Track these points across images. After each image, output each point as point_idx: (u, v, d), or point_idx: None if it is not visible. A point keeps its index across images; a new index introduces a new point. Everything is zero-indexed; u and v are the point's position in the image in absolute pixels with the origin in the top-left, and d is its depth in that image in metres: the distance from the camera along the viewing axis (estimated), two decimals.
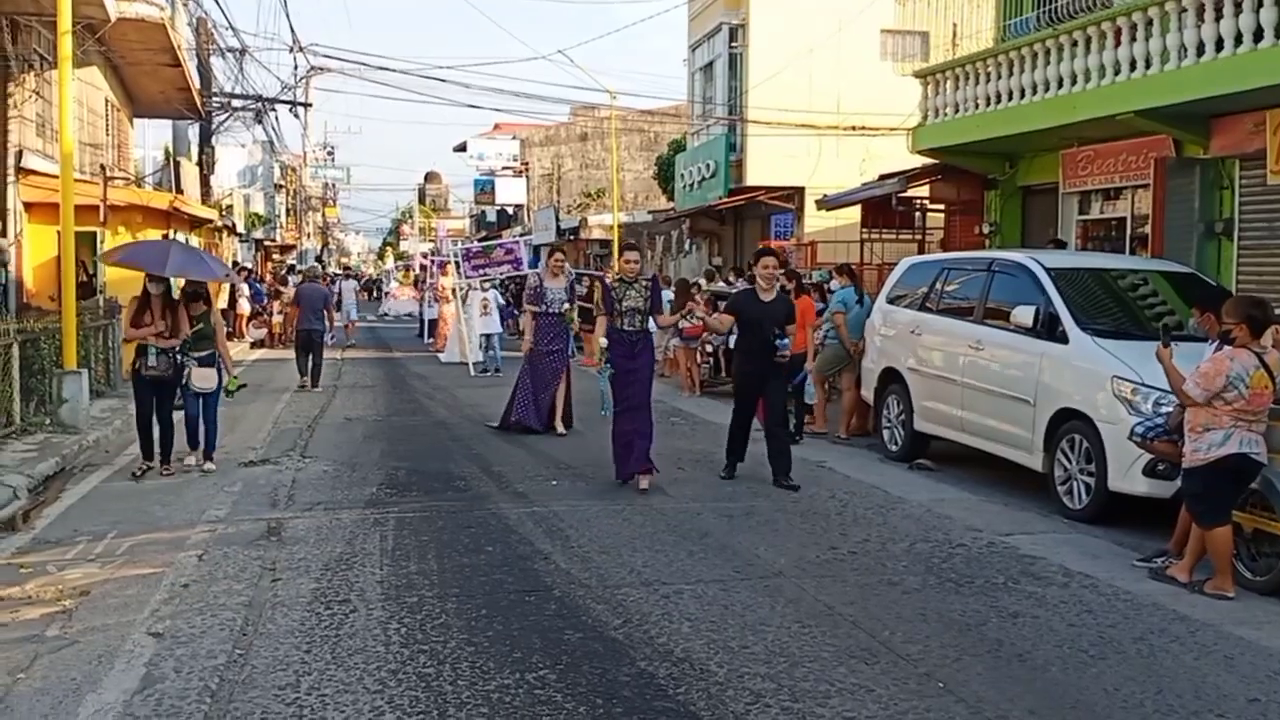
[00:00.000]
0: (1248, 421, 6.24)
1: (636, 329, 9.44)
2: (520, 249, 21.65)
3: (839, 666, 5.08)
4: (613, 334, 9.39)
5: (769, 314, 9.31)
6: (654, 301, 9.67)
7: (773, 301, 9.43)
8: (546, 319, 12.23)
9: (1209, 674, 5.10)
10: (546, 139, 52.95)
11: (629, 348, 9.40)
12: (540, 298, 12.29)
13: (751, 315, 9.39)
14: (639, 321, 9.46)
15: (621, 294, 9.40)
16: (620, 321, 9.37)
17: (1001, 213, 16.80)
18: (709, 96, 27.99)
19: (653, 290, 9.63)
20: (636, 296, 9.40)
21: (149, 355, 9.84)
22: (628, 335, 9.40)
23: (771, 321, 9.26)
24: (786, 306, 9.57)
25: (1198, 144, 12.60)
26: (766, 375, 9.40)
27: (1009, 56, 14.79)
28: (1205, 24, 11.45)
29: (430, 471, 9.98)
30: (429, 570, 6.68)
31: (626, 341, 9.38)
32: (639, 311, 9.43)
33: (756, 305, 9.42)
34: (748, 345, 9.57)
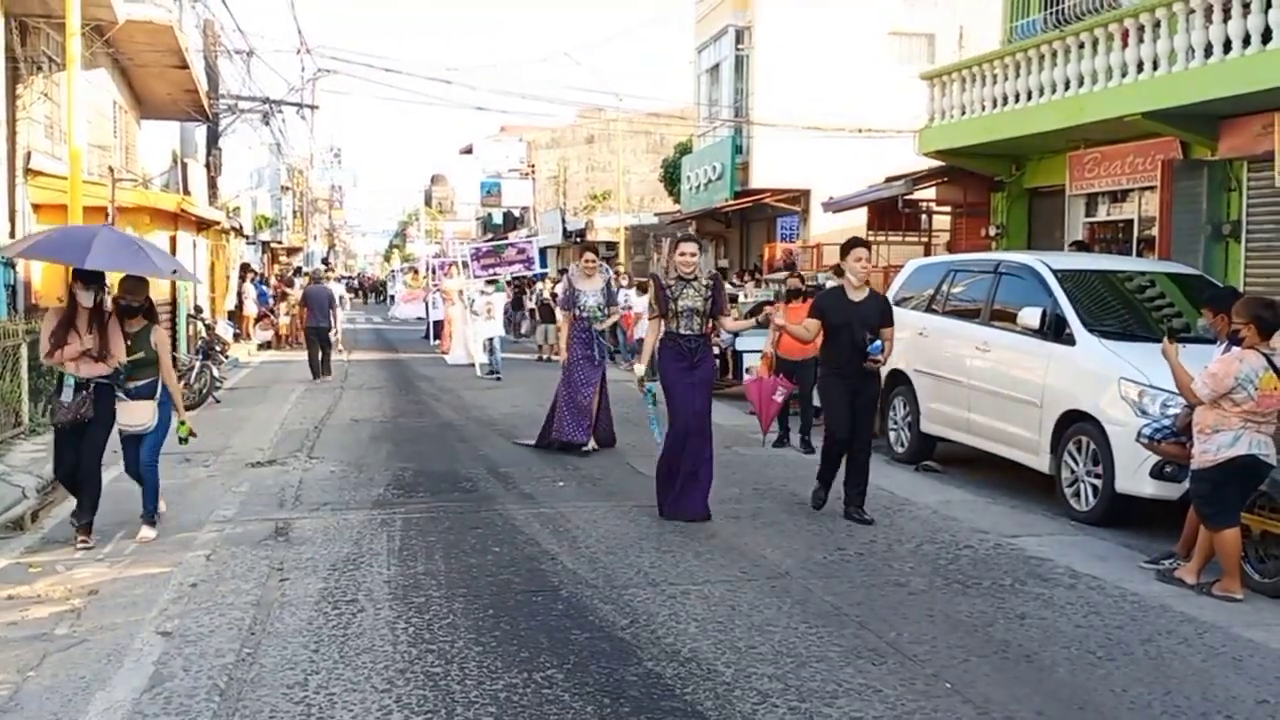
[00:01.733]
0: (1257, 423, 6.23)
1: (695, 333, 8.17)
2: (532, 249, 21.36)
3: (846, 667, 5.08)
4: (666, 339, 8.21)
5: (860, 316, 8.09)
6: (716, 302, 8.27)
7: (864, 301, 8.19)
8: (581, 323, 11.23)
9: (1217, 676, 5.09)
10: (553, 141, 53.04)
11: (686, 356, 8.13)
12: (574, 302, 11.25)
13: (840, 318, 8.14)
14: (698, 325, 8.18)
15: (677, 292, 8.14)
16: (675, 324, 8.16)
17: (1008, 215, 16.80)
18: (715, 99, 28.03)
19: (714, 289, 8.24)
20: (695, 295, 8.14)
21: (63, 389, 7.40)
22: (684, 341, 8.13)
23: (862, 325, 8.05)
24: (880, 306, 8.33)
25: (1205, 146, 12.59)
26: (860, 389, 8.16)
27: (1016, 58, 14.79)
28: (1213, 25, 11.45)
29: (437, 472, 9.99)
30: (436, 570, 6.68)
31: (683, 349, 8.13)
32: (698, 313, 8.15)
33: (846, 306, 8.16)
34: (837, 355, 8.19)
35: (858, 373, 8.09)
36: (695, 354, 8.17)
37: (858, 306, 8.14)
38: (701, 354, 8.24)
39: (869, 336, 8.00)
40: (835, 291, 8.50)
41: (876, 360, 8.05)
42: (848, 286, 8.24)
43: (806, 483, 9.45)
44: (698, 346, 8.20)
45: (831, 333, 8.21)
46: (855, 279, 8.18)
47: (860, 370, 8.08)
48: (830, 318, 8.20)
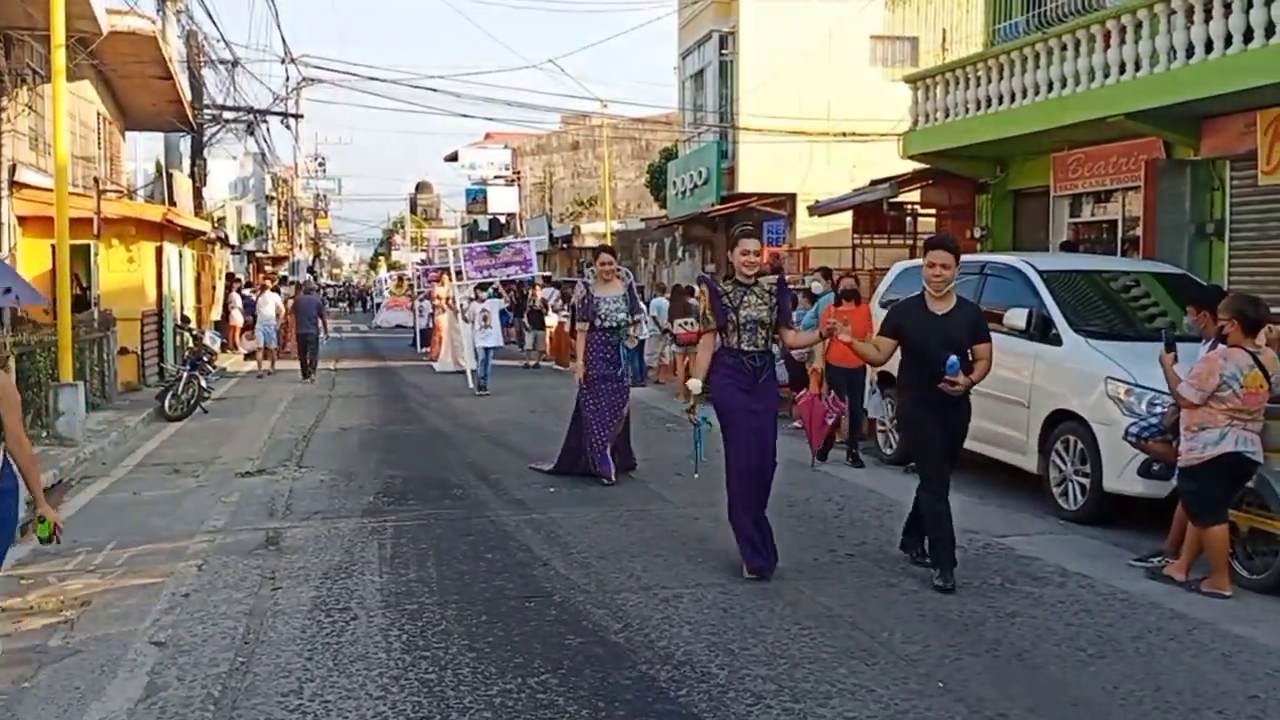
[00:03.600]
0: (1243, 420, 6.28)
1: (759, 349, 6.68)
2: (530, 250, 20.33)
3: (839, 667, 5.10)
4: (724, 356, 6.71)
5: (943, 333, 6.49)
6: (783, 310, 6.81)
7: (949, 314, 6.57)
8: (600, 336, 9.82)
9: (1207, 672, 5.13)
10: (538, 148, 53.07)
11: (748, 377, 6.65)
12: (592, 311, 9.82)
13: (917, 335, 6.56)
14: (762, 339, 6.69)
15: (737, 300, 6.66)
16: (735, 339, 6.66)
17: (993, 216, 16.87)
18: (700, 104, 28.09)
19: (780, 295, 6.79)
20: (758, 304, 6.66)
21: None
22: (746, 359, 6.65)
23: (946, 344, 6.44)
24: (971, 319, 6.66)
25: (1188, 146, 12.67)
26: (950, 416, 6.58)
27: (999, 60, 14.87)
28: (1195, 25, 11.52)
29: (427, 480, 9.99)
30: (428, 577, 6.69)
31: (745, 368, 6.65)
32: (762, 325, 6.66)
33: (925, 320, 6.57)
34: (919, 378, 6.58)
35: (946, 400, 6.47)
36: (759, 374, 6.70)
37: (941, 321, 6.53)
38: (767, 374, 6.79)
39: (948, 355, 6.39)
40: (913, 303, 6.78)
41: (953, 381, 6.35)
42: (928, 296, 6.63)
43: (797, 485, 9.48)
44: (763, 365, 6.73)
45: (911, 353, 6.65)
46: (936, 287, 6.56)
47: (948, 396, 6.44)
48: (906, 334, 6.63)
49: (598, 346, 9.82)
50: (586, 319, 9.88)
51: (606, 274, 10.00)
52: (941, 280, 6.53)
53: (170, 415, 14.63)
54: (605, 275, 10.00)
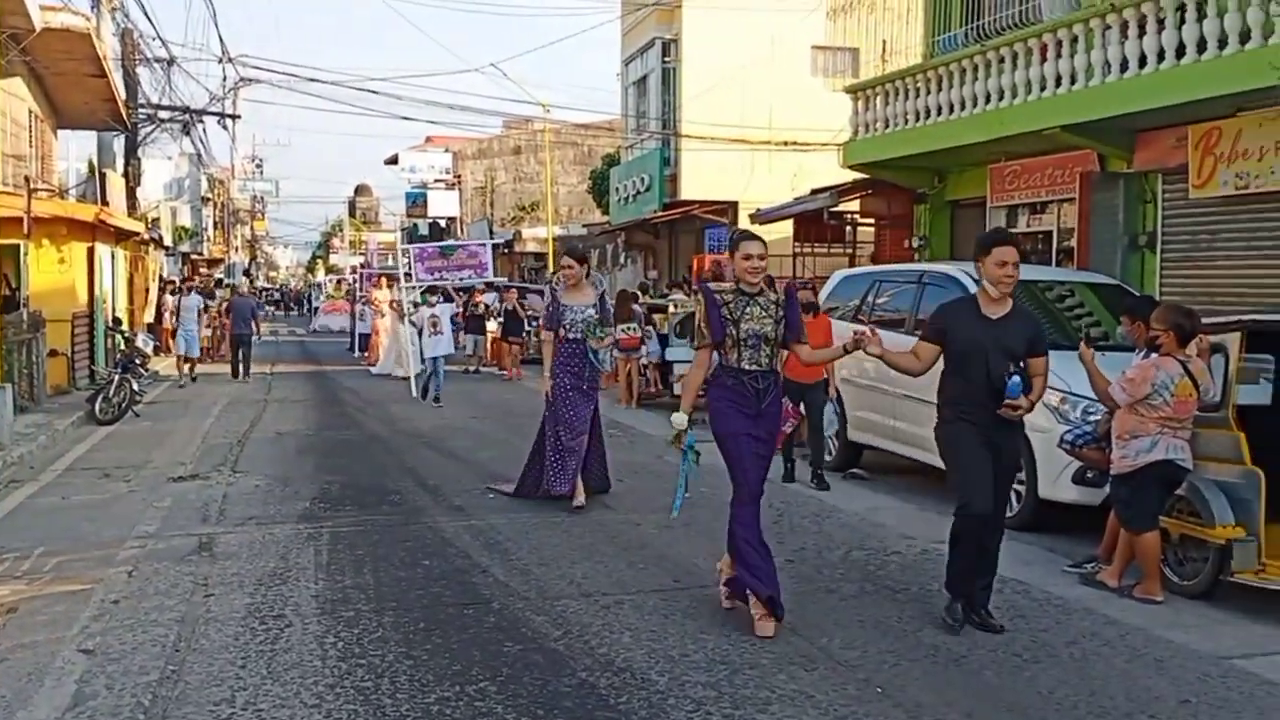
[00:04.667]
0: (1173, 428, 6.39)
1: (763, 368, 5.82)
2: (485, 253, 19.46)
3: (779, 673, 5.10)
4: (723, 376, 5.88)
5: (1000, 341, 5.71)
6: (791, 323, 5.92)
7: (1006, 319, 5.81)
8: (568, 346, 9.05)
9: (1140, 677, 5.20)
10: (479, 152, 52.82)
11: (750, 400, 5.81)
12: (558, 319, 9.05)
13: (969, 343, 5.76)
14: (766, 356, 5.83)
15: (737, 312, 5.81)
16: (735, 356, 5.81)
17: (930, 226, 17.07)
18: (643, 111, 28.14)
19: (790, 305, 5.94)
20: (762, 316, 5.81)
21: None
22: (748, 380, 5.79)
23: (1003, 354, 5.68)
24: (1029, 328, 5.91)
25: (1122, 159, 12.92)
26: (1001, 445, 5.81)
27: (938, 72, 15.07)
28: (1129, 40, 11.76)
29: (364, 485, 9.88)
30: (365, 584, 6.60)
31: (746, 390, 5.80)
32: (767, 340, 5.82)
33: (979, 326, 5.78)
34: (964, 394, 5.79)
35: (994, 421, 5.70)
36: (762, 397, 5.83)
37: (997, 327, 5.75)
38: (772, 396, 5.89)
39: (1012, 369, 5.63)
40: (963, 305, 6.09)
41: (1015, 405, 5.63)
42: (983, 299, 5.87)
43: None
44: (767, 387, 5.84)
45: (956, 362, 5.83)
46: (996, 288, 5.80)
47: (999, 418, 5.70)
48: (955, 341, 5.81)
49: (565, 357, 9.02)
50: (551, 327, 9.09)
51: (570, 279, 9.12)
52: (1011, 281, 5.76)
53: (101, 419, 14.35)
54: (570, 281, 9.12)
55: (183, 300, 22.47)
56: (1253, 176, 11.18)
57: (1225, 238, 11.87)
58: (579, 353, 9.01)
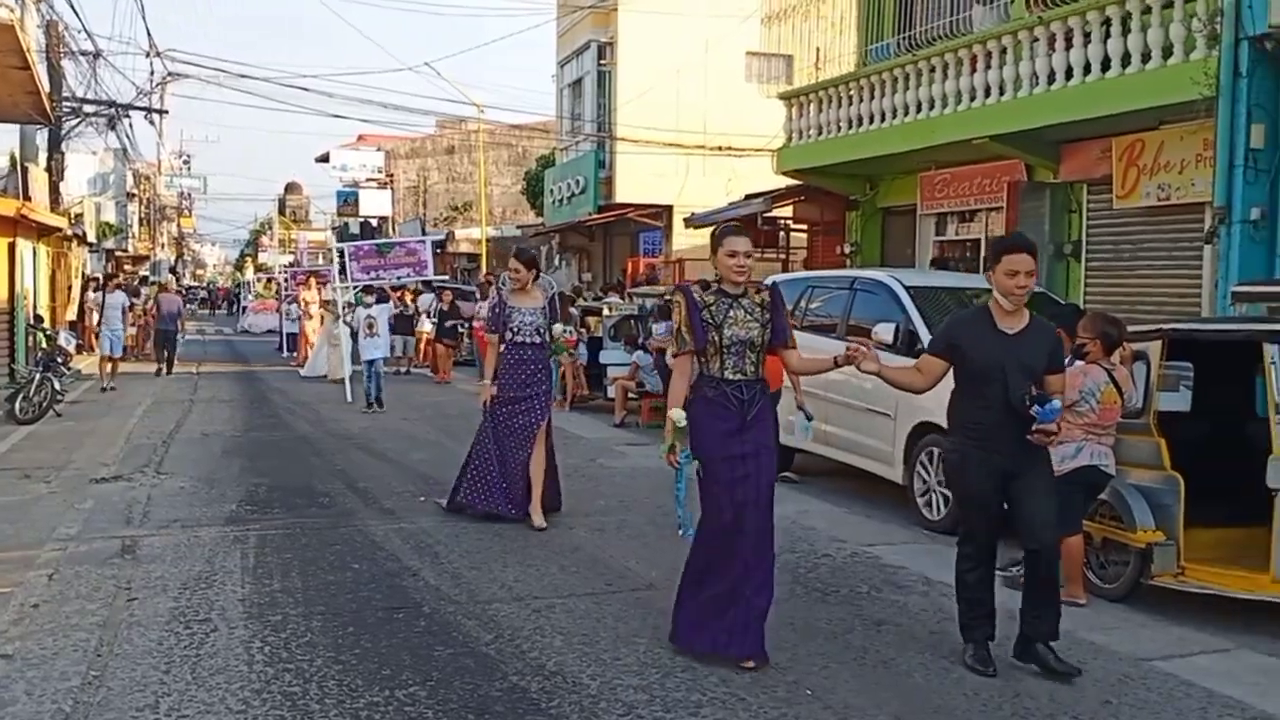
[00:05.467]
0: (1098, 435, 6.51)
1: (748, 377, 5.28)
2: (425, 251, 18.59)
3: (710, 676, 5.12)
4: (703, 387, 5.32)
5: (1018, 357, 5.19)
6: (778, 328, 5.37)
7: (1023, 334, 5.27)
8: (514, 352, 8.42)
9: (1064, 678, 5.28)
10: (412, 151, 52.43)
11: (733, 414, 5.24)
12: (502, 322, 8.43)
13: (984, 358, 5.23)
14: (752, 364, 5.30)
15: (720, 315, 5.27)
16: (717, 365, 5.27)
17: (862, 233, 17.26)
18: (578, 113, 28.13)
19: (775, 307, 5.40)
20: (747, 320, 5.29)
21: None
22: (731, 390, 5.25)
23: (1022, 371, 5.17)
24: (1048, 342, 5.38)
25: (1048, 169, 13.17)
26: (1018, 471, 5.22)
27: (870, 81, 15.24)
28: (1056, 53, 11.99)
29: (293, 488, 9.75)
30: (293, 588, 6.52)
31: (729, 402, 5.24)
32: (752, 347, 5.28)
33: (994, 340, 5.25)
34: (977, 416, 5.27)
35: (1014, 446, 5.16)
36: (748, 409, 5.27)
37: (1015, 342, 5.23)
38: (758, 409, 5.31)
39: (1033, 391, 5.09)
40: (974, 316, 5.48)
41: (1047, 431, 5.10)
42: (996, 311, 5.32)
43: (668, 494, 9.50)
44: (752, 398, 5.28)
45: (971, 382, 5.31)
46: (1010, 300, 5.26)
47: (1020, 443, 5.15)
48: (969, 358, 5.28)
49: (510, 364, 8.38)
50: (496, 330, 8.48)
51: (518, 283, 8.52)
52: (1025, 292, 5.23)
53: (21, 418, 14.01)
54: (518, 281, 8.51)
55: (107, 298, 21.69)
56: (1174, 188, 11.45)
57: (1147, 247, 12.14)
58: (526, 359, 8.38)
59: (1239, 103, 9.82)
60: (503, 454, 8.33)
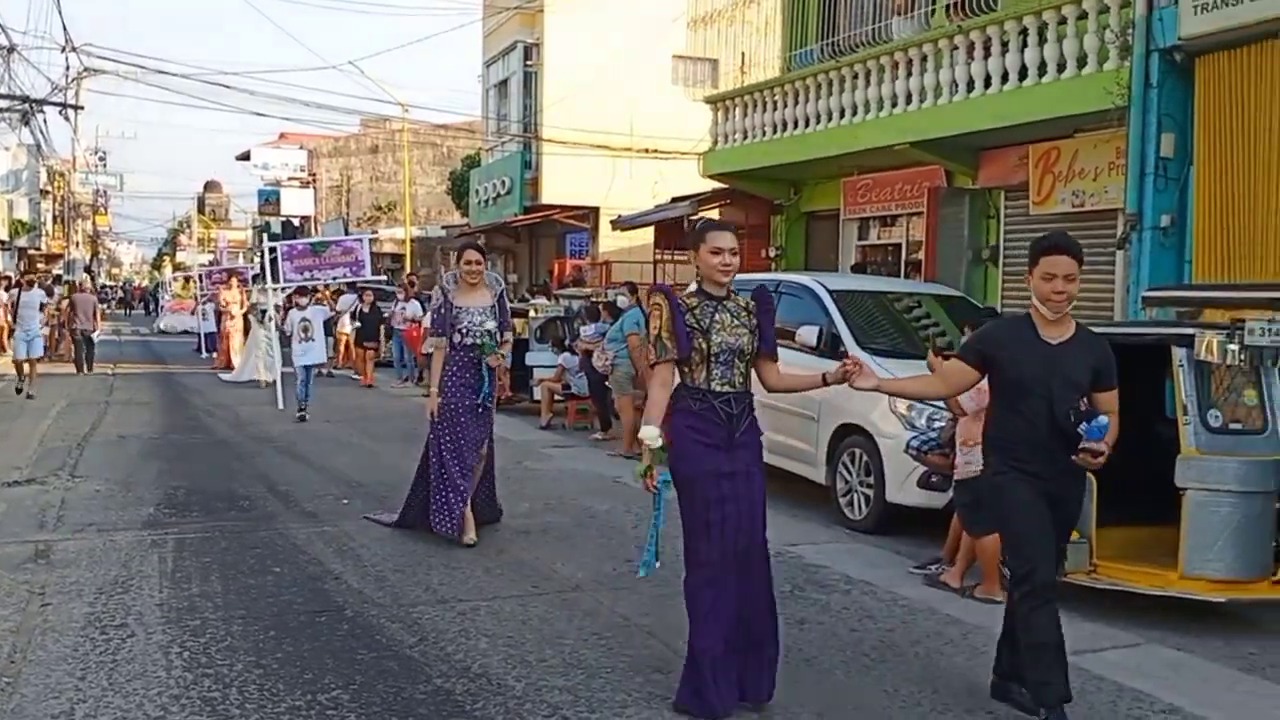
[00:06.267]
0: None
1: (736, 389, 4.75)
2: (363, 250, 17.65)
3: (635, 676, 5.15)
4: (685, 400, 4.74)
5: (1063, 370, 4.62)
6: (765, 336, 4.85)
7: (1068, 344, 4.68)
8: (462, 355, 7.82)
9: (981, 674, 5.38)
10: (335, 150, 51.89)
11: (721, 430, 4.69)
12: (449, 322, 7.81)
13: (1027, 374, 4.65)
14: (740, 376, 4.78)
15: (705, 320, 4.73)
16: (703, 375, 4.72)
17: (787, 237, 17.44)
18: (504, 113, 28.06)
19: (762, 312, 4.85)
20: (734, 326, 4.75)
21: None
22: (719, 404, 4.69)
23: (1070, 386, 4.60)
24: (1096, 354, 4.72)
25: (967, 175, 13.42)
26: (1060, 497, 4.71)
27: (794, 86, 15.40)
28: (975, 62, 12.23)
29: (212, 491, 9.59)
30: (212, 592, 6.42)
31: (716, 417, 4.68)
32: (741, 356, 4.75)
33: (1036, 350, 4.67)
34: (1021, 435, 4.68)
35: (1057, 469, 4.62)
36: (737, 424, 4.72)
37: (1059, 354, 4.64)
38: (747, 424, 4.77)
39: (1080, 406, 4.54)
40: (1013, 325, 4.92)
41: (1096, 451, 4.48)
42: (1038, 320, 4.71)
43: (599, 495, 9.57)
44: (741, 411, 4.74)
45: (1010, 397, 4.73)
46: (1051, 308, 4.63)
47: (1063, 465, 4.59)
48: (1009, 370, 4.71)
49: (458, 368, 7.79)
50: (441, 333, 7.88)
51: (472, 277, 7.87)
52: (1064, 299, 4.61)
53: None
54: (470, 279, 7.86)
55: (23, 296, 20.89)
56: (1088, 195, 11.75)
57: None
58: (475, 363, 7.80)
59: (1150, 112, 10.10)
60: (457, 467, 7.68)
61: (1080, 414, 4.49)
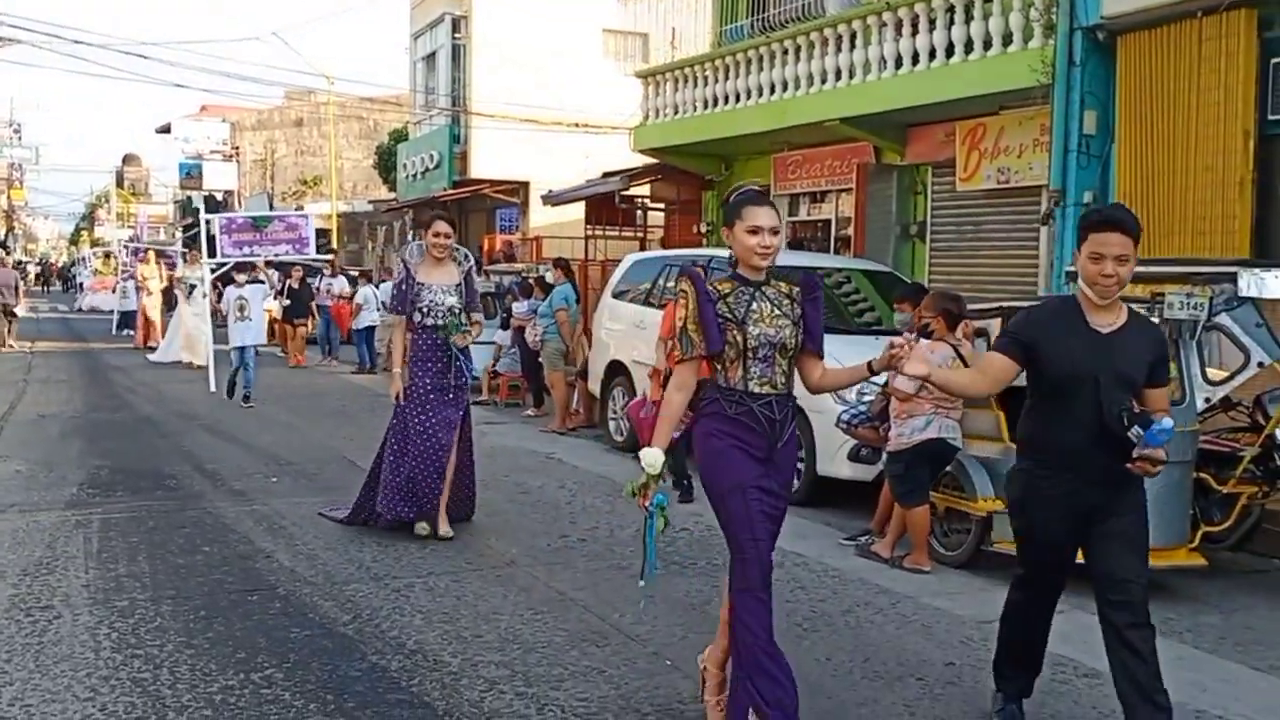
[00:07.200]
0: (946, 409, 6.77)
1: (778, 391, 4.05)
2: (306, 226, 16.82)
3: (571, 650, 5.17)
4: (717, 405, 4.05)
5: (1114, 363, 3.98)
6: (811, 327, 4.15)
7: (1121, 333, 4.03)
8: (426, 336, 7.27)
9: (909, 642, 5.51)
10: (259, 123, 50.98)
11: (761, 438, 4.00)
12: (410, 300, 7.21)
13: (1073, 366, 4.01)
14: (782, 376, 4.07)
15: (740, 310, 4.02)
16: (739, 374, 4.01)
17: (718, 213, 17.47)
18: (432, 87, 27.74)
19: (810, 301, 4.18)
20: (775, 316, 4.06)
21: None
22: (759, 409, 3.99)
23: (1122, 382, 3.98)
24: (1152, 344, 4.09)
25: (895, 151, 13.55)
26: (1108, 509, 4.05)
27: (725, 61, 15.41)
28: (903, 39, 12.33)
29: (137, 470, 9.43)
30: (140, 572, 6.32)
31: (756, 423, 3.99)
32: (783, 351, 4.06)
33: (1084, 343, 4.02)
34: (1062, 434, 4.05)
35: (1105, 475, 4.00)
36: (779, 433, 4.04)
37: (1110, 345, 4.01)
38: (789, 434, 4.11)
39: (1130, 405, 3.93)
40: (1059, 309, 4.22)
41: (1154, 460, 3.90)
42: (1086, 304, 4.06)
43: (531, 472, 9.56)
44: (785, 418, 4.07)
45: (1049, 390, 4.10)
46: (1100, 292, 4.00)
47: (1113, 472, 3.98)
48: (1051, 361, 4.06)
49: (422, 349, 7.24)
50: (403, 311, 7.27)
51: (439, 251, 7.26)
52: (1114, 283, 3.97)
53: None
54: (436, 254, 7.26)
55: None
56: (1013, 171, 11.92)
57: (988, 228, 12.62)
58: (441, 344, 7.23)
59: (1073, 90, 10.26)
60: (421, 453, 7.18)
61: (1134, 415, 3.89)
